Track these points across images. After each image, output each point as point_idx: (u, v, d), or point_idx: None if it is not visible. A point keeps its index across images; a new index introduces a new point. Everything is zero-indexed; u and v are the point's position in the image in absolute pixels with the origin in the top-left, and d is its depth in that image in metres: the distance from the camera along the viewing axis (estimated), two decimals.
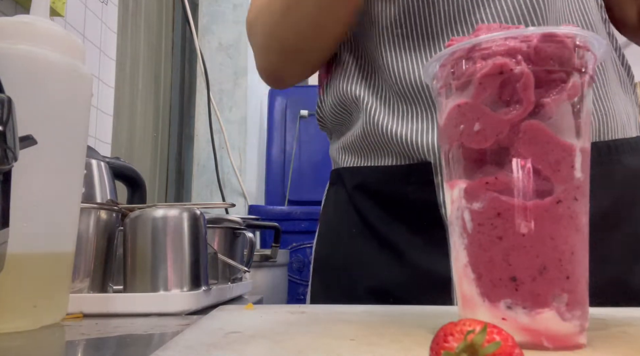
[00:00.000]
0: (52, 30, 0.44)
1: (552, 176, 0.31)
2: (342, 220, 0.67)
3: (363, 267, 0.63)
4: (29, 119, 0.40)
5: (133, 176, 0.94)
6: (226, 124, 2.01)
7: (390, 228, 0.62)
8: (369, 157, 0.65)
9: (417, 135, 0.60)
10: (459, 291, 0.35)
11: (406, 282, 0.60)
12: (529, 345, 0.30)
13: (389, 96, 0.63)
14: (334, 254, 0.68)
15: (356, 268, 0.64)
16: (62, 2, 1.04)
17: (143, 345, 0.38)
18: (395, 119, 0.61)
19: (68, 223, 0.46)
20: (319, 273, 0.70)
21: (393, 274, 0.61)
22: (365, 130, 0.63)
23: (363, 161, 0.66)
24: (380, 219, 0.63)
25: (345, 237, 0.66)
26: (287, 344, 0.31)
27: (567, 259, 0.31)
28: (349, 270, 0.65)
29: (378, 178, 0.63)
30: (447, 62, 0.35)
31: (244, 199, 2.02)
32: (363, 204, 0.65)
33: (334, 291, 0.66)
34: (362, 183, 0.65)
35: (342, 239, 0.67)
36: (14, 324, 0.41)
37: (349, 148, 0.68)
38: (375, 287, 0.62)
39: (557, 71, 0.32)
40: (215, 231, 0.87)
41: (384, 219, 0.63)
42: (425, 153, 0.59)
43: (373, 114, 0.63)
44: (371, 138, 0.63)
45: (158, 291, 0.57)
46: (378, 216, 0.63)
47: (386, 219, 0.62)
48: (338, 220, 0.68)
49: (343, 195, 0.68)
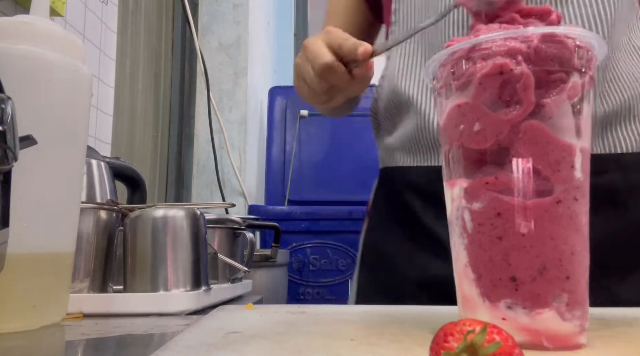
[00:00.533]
0: (52, 30, 0.44)
1: (552, 176, 0.31)
2: (391, 216, 0.69)
3: (411, 261, 0.65)
4: (29, 119, 0.40)
5: (133, 176, 0.94)
6: (226, 124, 2.01)
7: (438, 224, 0.63)
8: (420, 157, 0.66)
9: None
10: (459, 291, 0.35)
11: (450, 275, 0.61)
12: (529, 345, 0.30)
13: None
14: (382, 248, 0.70)
15: (406, 263, 0.66)
16: (62, 2, 1.04)
17: (143, 345, 0.38)
18: None
19: (68, 223, 0.46)
20: (368, 268, 0.72)
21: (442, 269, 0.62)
22: (418, 129, 0.64)
23: (414, 161, 0.67)
24: (428, 216, 0.65)
25: (394, 232, 0.68)
26: (287, 344, 0.31)
27: (567, 259, 0.31)
28: (396, 264, 0.67)
29: (429, 178, 0.65)
30: (447, 62, 0.35)
31: (244, 199, 2.02)
32: (413, 201, 0.66)
33: (381, 286, 0.68)
34: (412, 181, 0.67)
35: (391, 233, 0.69)
36: (14, 324, 0.41)
37: (400, 147, 0.69)
38: (425, 281, 0.63)
39: (557, 71, 0.32)
40: (215, 231, 0.87)
41: (432, 216, 0.64)
42: None
43: (426, 114, 0.64)
44: (424, 139, 0.64)
45: (158, 291, 0.57)
46: (426, 213, 0.65)
47: (434, 217, 0.64)
48: (387, 215, 0.70)
49: (393, 193, 0.70)
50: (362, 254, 0.74)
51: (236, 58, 2.08)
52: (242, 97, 2.08)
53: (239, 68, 2.08)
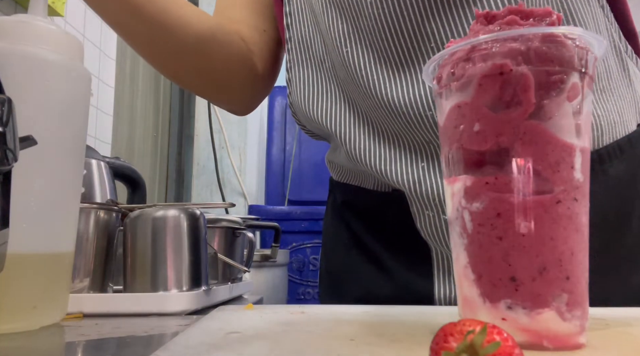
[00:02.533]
0: (50, 30, 0.44)
1: (551, 176, 0.31)
2: (336, 230, 0.69)
3: (353, 277, 0.65)
4: (29, 119, 0.40)
5: (133, 176, 0.94)
6: (226, 124, 2.01)
7: (376, 244, 0.64)
8: (354, 178, 0.66)
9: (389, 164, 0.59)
10: (459, 292, 0.35)
11: (391, 296, 0.61)
12: (529, 345, 0.30)
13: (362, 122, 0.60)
14: (331, 262, 0.71)
15: (348, 277, 0.66)
16: (62, 2, 1.04)
17: (143, 345, 0.38)
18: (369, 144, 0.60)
19: (68, 223, 0.46)
20: (323, 279, 0.73)
21: (379, 287, 0.63)
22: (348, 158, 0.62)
23: (350, 179, 0.67)
24: (366, 235, 0.65)
25: (339, 247, 0.68)
26: (287, 344, 0.31)
27: (567, 259, 0.31)
28: (342, 279, 0.67)
29: (364, 198, 0.65)
30: (447, 62, 0.35)
31: (244, 199, 2.02)
32: (351, 219, 0.66)
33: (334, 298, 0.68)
34: (349, 200, 0.67)
35: (337, 248, 0.69)
36: (14, 325, 0.41)
37: (337, 165, 0.69)
38: (362, 297, 0.63)
39: (557, 71, 0.32)
40: (215, 231, 0.87)
41: (370, 235, 0.64)
42: (399, 183, 0.58)
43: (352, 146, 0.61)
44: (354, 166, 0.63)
45: (158, 291, 0.57)
46: (364, 232, 0.65)
47: (371, 236, 0.64)
48: (333, 230, 0.71)
49: (336, 206, 0.70)
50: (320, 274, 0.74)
51: None
52: None
53: None
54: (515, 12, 0.35)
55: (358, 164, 0.61)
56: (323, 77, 0.63)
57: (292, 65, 0.66)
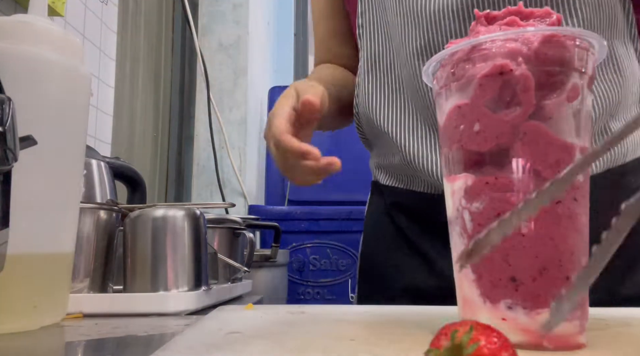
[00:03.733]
0: (50, 30, 0.44)
1: (551, 176, 0.31)
2: (382, 228, 0.74)
3: (398, 270, 0.69)
4: (29, 119, 0.40)
5: (133, 176, 0.94)
6: (226, 124, 2.00)
7: (422, 239, 0.68)
8: (404, 182, 0.69)
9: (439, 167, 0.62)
10: (459, 292, 0.35)
11: (435, 286, 0.65)
12: (529, 345, 0.30)
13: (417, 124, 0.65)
14: (375, 257, 0.75)
15: (393, 270, 0.70)
16: (62, 2, 1.04)
17: (143, 345, 0.38)
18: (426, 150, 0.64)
19: (68, 223, 0.46)
20: (364, 272, 0.76)
21: (424, 279, 0.67)
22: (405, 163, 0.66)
23: (399, 183, 0.70)
24: (413, 232, 0.69)
25: (384, 243, 0.73)
26: (287, 344, 0.31)
27: (567, 259, 0.31)
28: (387, 272, 0.71)
29: (413, 200, 0.68)
30: (447, 62, 0.35)
31: (244, 199, 2.02)
32: (399, 219, 0.71)
33: (375, 290, 0.72)
34: (398, 201, 0.71)
35: (381, 244, 0.73)
36: (14, 324, 0.41)
37: (386, 170, 0.73)
38: (407, 287, 0.68)
39: (557, 72, 0.32)
40: (215, 231, 0.87)
41: (417, 232, 0.69)
42: None
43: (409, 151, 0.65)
44: (410, 170, 0.66)
45: (158, 291, 0.57)
46: (412, 229, 0.69)
47: (419, 233, 0.68)
48: (378, 227, 0.75)
49: (382, 206, 0.74)
50: (360, 259, 0.78)
51: (236, 58, 2.08)
52: (242, 97, 2.08)
53: (239, 68, 2.08)
54: (515, 13, 0.35)
55: (412, 168, 0.65)
56: (390, 86, 0.68)
57: (362, 71, 0.72)
